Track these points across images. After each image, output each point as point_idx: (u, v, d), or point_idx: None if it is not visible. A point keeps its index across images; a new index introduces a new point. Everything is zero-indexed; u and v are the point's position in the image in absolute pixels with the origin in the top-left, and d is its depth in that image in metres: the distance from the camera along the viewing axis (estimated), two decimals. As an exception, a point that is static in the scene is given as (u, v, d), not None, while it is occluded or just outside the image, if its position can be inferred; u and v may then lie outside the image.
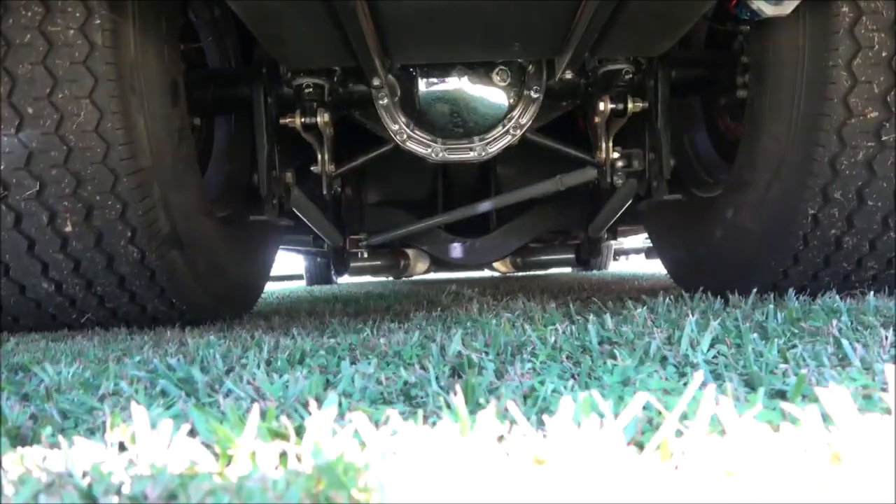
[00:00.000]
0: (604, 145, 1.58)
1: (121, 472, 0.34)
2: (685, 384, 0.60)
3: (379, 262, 3.04)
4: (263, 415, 0.47)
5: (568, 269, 4.48)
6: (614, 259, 5.75)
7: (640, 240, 4.80)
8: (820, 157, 1.17)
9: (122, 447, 0.42)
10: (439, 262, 3.00)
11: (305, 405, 0.52)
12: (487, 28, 1.17)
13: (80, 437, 0.42)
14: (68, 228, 1.17)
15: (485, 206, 1.93)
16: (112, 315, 1.37)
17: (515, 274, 4.30)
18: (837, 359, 0.69)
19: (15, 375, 0.81)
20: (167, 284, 1.30)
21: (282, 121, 1.48)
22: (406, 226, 2.02)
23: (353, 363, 0.76)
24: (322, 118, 1.46)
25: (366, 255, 2.19)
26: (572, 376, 0.67)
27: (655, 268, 3.90)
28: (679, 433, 0.39)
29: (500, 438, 0.38)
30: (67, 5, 1.06)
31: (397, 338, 0.92)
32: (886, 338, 0.73)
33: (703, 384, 0.47)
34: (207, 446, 0.42)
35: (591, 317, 1.01)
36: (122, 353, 0.97)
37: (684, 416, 0.43)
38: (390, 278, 4.20)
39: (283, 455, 0.38)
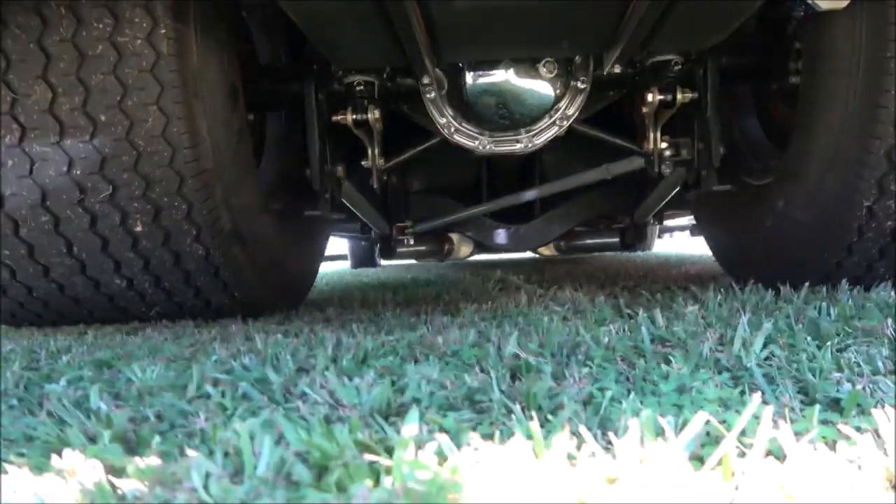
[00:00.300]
0: (651, 135, 1.57)
1: (235, 488, 0.38)
2: (741, 392, 0.62)
3: (424, 248, 3.08)
4: (348, 424, 0.51)
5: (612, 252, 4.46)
6: (658, 237, 5.68)
7: (685, 217, 4.73)
8: (876, 149, 1.15)
9: (226, 455, 0.47)
10: (483, 247, 3.03)
11: (383, 415, 0.56)
12: (536, 27, 1.18)
13: (189, 449, 0.46)
14: (139, 228, 1.24)
15: (530, 194, 1.95)
16: (178, 308, 1.44)
17: (558, 256, 4.30)
18: (893, 362, 0.70)
19: (101, 372, 0.88)
20: (230, 279, 1.36)
21: (334, 118, 1.52)
22: (451, 213, 2.06)
23: (415, 362, 0.80)
24: (373, 115, 1.50)
25: (412, 242, 2.23)
26: (627, 378, 0.70)
27: (700, 248, 3.85)
28: (740, 453, 0.42)
29: (570, 457, 0.42)
30: (135, 16, 1.11)
31: (453, 335, 0.96)
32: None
33: (763, 401, 0.50)
34: (298, 455, 0.46)
35: (642, 313, 1.03)
36: (194, 349, 1.03)
37: (743, 433, 0.46)
38: (434, 262, 4.25)
39: (373, 467, 0.42)
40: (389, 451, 0.44)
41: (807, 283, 1.25)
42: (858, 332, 0.87)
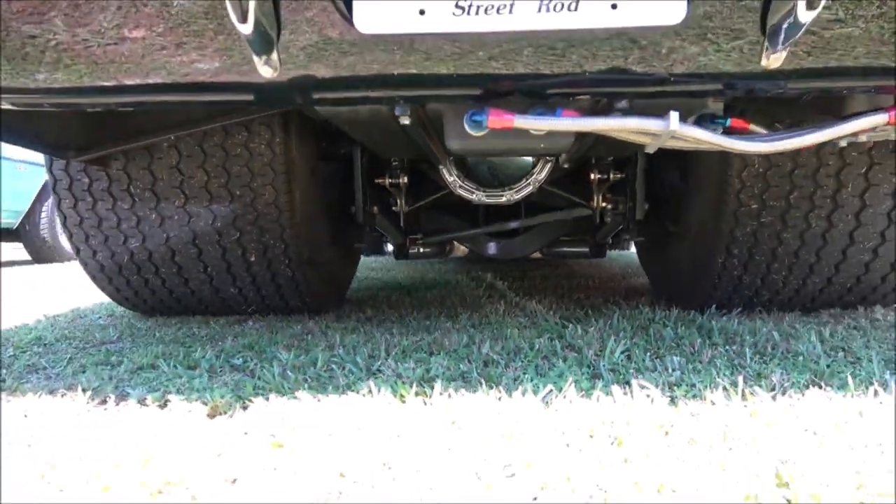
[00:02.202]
0: (595, 196, 2.25)
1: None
2: (591, 377, 1.30)
3: (430, 250, 3.78)
4: (406, 385, 1.19)
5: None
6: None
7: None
8: (724, 228, 1.83)
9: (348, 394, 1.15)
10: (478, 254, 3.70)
11: (421, 382, 1.24)
12: (519, 151, 1.85)
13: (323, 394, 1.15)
14: (252, 258, 1.91)
15: (514, 224, 2.65)
16: (266, 307, 2.12)
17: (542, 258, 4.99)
18: (684, 364, 1.38)
19: (258, 353, 1.55)
20: (305, 290, 2.04)
21: (377, 181, 2.19)
22: (455, 230, 2.75)
23: (432, 355, 1.48)
24: (402, 179, 2.17)
25: (421, 250, 2.92)
26: (536, 368, 1.38)
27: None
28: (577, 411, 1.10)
29: (501, 399, 1.10)
30: (261, 130, 1.77)
31: (454, 338, 1.64)
32: (707, 346, 1.41)
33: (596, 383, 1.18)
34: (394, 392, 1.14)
35: (570, 326, 1.71)
36: (296, 340, 1.71)
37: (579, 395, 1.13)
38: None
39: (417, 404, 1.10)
40: (425, 396, 1.12)
41: (677, 307, 1.94)
42: (686, 344, 1.55)
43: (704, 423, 0.95)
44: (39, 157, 6.22)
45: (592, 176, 2.15)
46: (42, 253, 6.43)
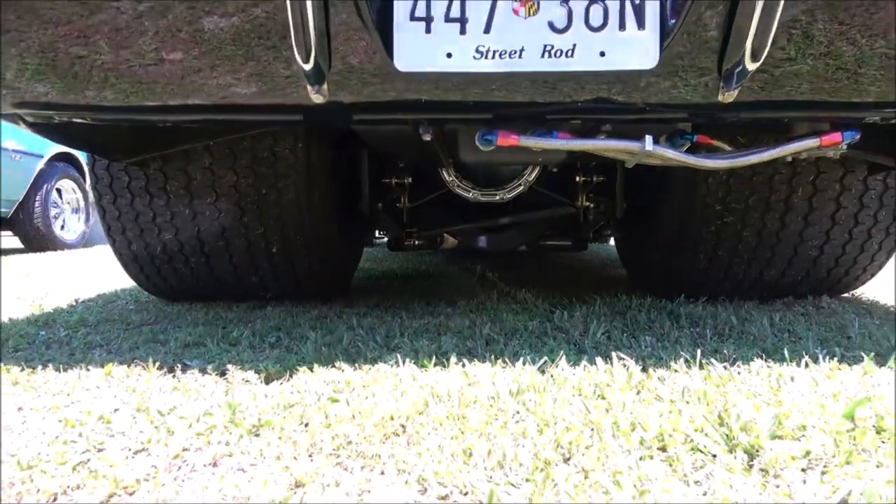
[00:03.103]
0: (579, 196, 2.51)
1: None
2: (577, 353, 1.54)
3: (424, 242, 4.01)
4: (424, 358, 1.43)
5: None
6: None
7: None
8: (692, 227, 2.09)
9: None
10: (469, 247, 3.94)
11: (437, 355, 1.48)
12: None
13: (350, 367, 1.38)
14: (274, 249, 2.13)
15: (504, 220, 2.89)
16: (283, 294, 2.34)
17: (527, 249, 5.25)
18: (654, 341, 1.63)
19: (287, 334, 1.78)
20: (318, 278, 2.27)
21: (384, 180, 2.42)
22: (449, 225, 2.99)
23: (440, 335, 1.72)
24: (407, 179, 2.40)
25: (416, 242, 3.15)
26: (531, 345, 1.62)
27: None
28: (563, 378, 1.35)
29: (501, 366, 1.34)
30: (285, 136, 1.99)
31: (457, 321, 1.88)
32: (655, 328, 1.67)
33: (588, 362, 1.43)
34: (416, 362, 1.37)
35: (557, 311, 1.96)
36: (318, 322, 1.93)
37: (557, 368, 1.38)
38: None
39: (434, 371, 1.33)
40: (443, 365, 1.36)
41: (652, 296, 2.20)
42: (657, 327, 1.81)
43: (668, 385, 1.20)
44: (34, 148, 6.33)
45: (577, 178, 2.40)
46: (35, 242, 6.53)
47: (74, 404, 1.17)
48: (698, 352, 1.40)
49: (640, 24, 1.18)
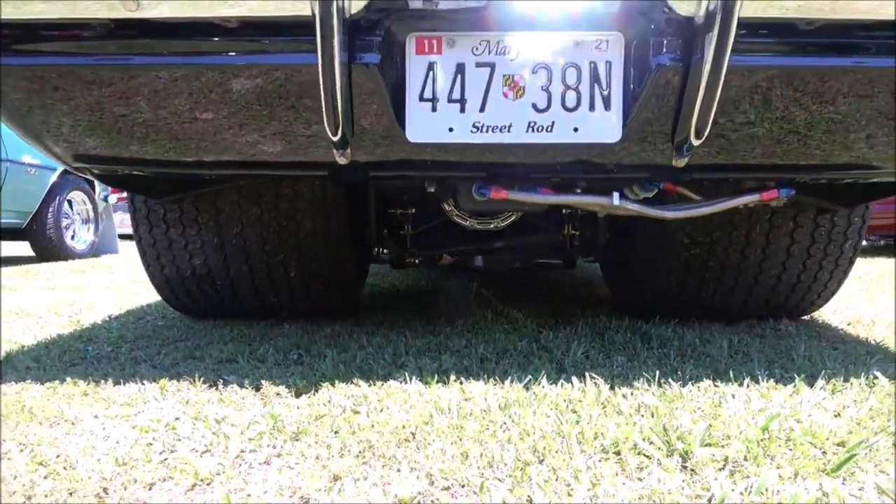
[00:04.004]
0: (566, 225, 2.77)
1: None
2: (557, 371, 1.80)
3: (422, 261, 4.26)
4: (427, 374, 1.69)
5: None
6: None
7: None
8: (664, 258, 2.35)
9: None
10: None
11: (438, 373, 1.74)
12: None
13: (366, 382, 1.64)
14: (292, 274, 2.39)
15: (498, 244, 3.16)
16: (298, 313, 2.60)
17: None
18: (628, 356, 1.89)
19: (306, 351, 2.03)
20: (333, 297, 2.53)
21: (389, 210, 2.68)
22: (448, 247, 3.25)
23: (440, 354, 1.98)
24: (411, 210, 2.66)
25: (416, 261, 3.41)
26: (519, 363, 1.88)
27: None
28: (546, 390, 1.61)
29: (491, 386, 1.60)
30: (283, 187, 2.25)
31: (455, 342, 2.14)
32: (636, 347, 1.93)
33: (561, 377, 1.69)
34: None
35: (543, 331, 2.23)
36: (332, 340, 2.19)
37: (539, 385, 1.63)
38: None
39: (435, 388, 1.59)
40: (443, 382, 1.62)
41: (629, 317, 2.46)
42: (630, 347, 2.07)
43: (630, 401, 1.46)
44: (48, 161, 6.58)
45: (564, 210, 2.67)
46: (48, 251, 6.78)
47: (141, 413, 1.42)
48: (657, 373, 1.66)
49: (607, 106, 1.45)
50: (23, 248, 7.36)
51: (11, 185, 6.08)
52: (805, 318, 2.69)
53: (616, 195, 1.61)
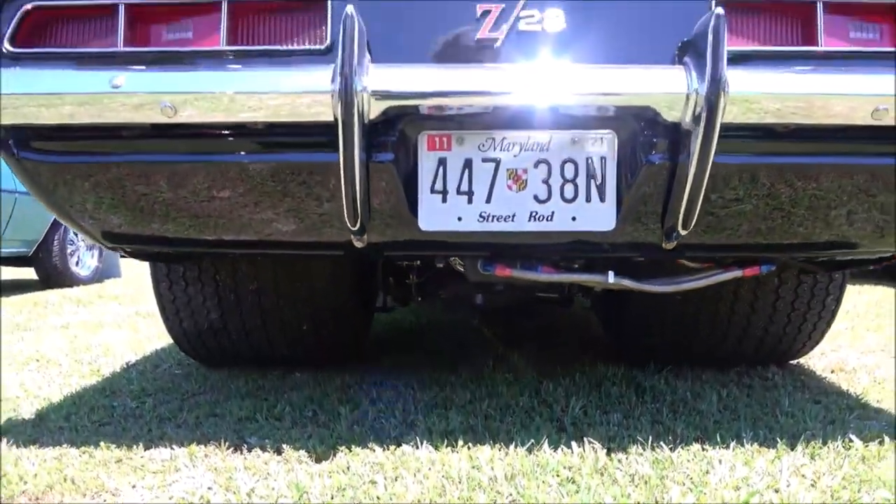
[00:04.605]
0: (564, 274, 2.91)
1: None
2: (554, 428, 1.92)
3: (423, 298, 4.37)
4: (435, 431, 1.81)
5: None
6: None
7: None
8: (656, 312, 2.48)
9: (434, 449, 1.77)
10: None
11: (445, 431, 1.86)
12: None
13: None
14: (305, 327, 2.52)
15: (499, 286, 3.29)
16: (307, 357, 2.72)
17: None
18: (623, 411, 2.02)
19: (324, 402, 2.16)
20: (345, 347, 2.65)
21: (396, 262, 2.81)
22: (451, 292, 3.39)
23: (446, 409, 2.10)
24: (416, 262, 2.80)
25: (419, 299, 3.54)
26: (521, 421, 2.00)
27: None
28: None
29: (500, 444, 1.72)
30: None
31: (459, 395, 2.27)
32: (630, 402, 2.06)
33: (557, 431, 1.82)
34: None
35: (543, 382, 2.35)
36: (343, 393, 2.31)
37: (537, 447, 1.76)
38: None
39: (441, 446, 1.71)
40: (452, 446, 1.74)
41: (625, 364, 2.60)
42: (625, 402, 2.20)
43: (625, 467, 1.59)
44: (55, 191, 6.70)
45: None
46: (53, 278, 6.89)
47: (175, 483, 1.54)
48: (650, 437, 1.79)
49: (602, 198, 1.59)
50: (26, 272, 7.46)
51: (20, 215, 6.19)
52: (793, 362, 2.82)
53: (611, 274, 1.75)
